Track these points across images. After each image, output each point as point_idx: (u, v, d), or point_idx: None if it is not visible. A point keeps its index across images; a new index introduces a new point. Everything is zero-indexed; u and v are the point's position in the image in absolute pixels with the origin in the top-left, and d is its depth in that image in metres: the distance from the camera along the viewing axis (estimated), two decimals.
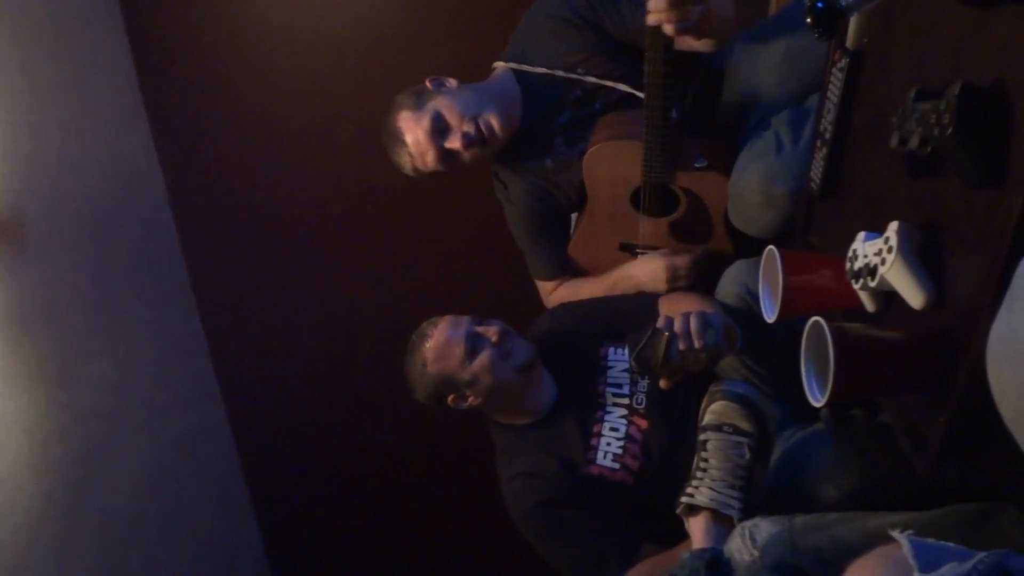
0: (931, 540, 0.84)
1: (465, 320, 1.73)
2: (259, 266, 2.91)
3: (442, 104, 1.78)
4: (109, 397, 2.57)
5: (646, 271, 1.89)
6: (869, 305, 1.16)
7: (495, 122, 1.79)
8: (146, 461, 2.73)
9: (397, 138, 1.82)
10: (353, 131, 2.63)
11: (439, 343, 1.70)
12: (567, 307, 1.90)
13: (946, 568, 0.77)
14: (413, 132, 1.79)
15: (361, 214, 2.79)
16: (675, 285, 1.85)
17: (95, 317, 2.53)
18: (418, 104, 1.79)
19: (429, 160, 1.81)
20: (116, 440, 2.60)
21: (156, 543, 2.77)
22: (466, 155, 1.80)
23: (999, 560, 0.77)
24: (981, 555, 0.77)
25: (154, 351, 2.79)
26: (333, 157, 2.72)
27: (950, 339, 1.01)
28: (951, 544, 0.82)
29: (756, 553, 1.24)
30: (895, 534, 0.84)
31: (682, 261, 1.85)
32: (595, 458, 1.66)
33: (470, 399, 1.71)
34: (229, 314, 2.98)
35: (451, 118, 1.78)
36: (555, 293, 2.05)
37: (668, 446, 1.65)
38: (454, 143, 1.78)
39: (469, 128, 1.78)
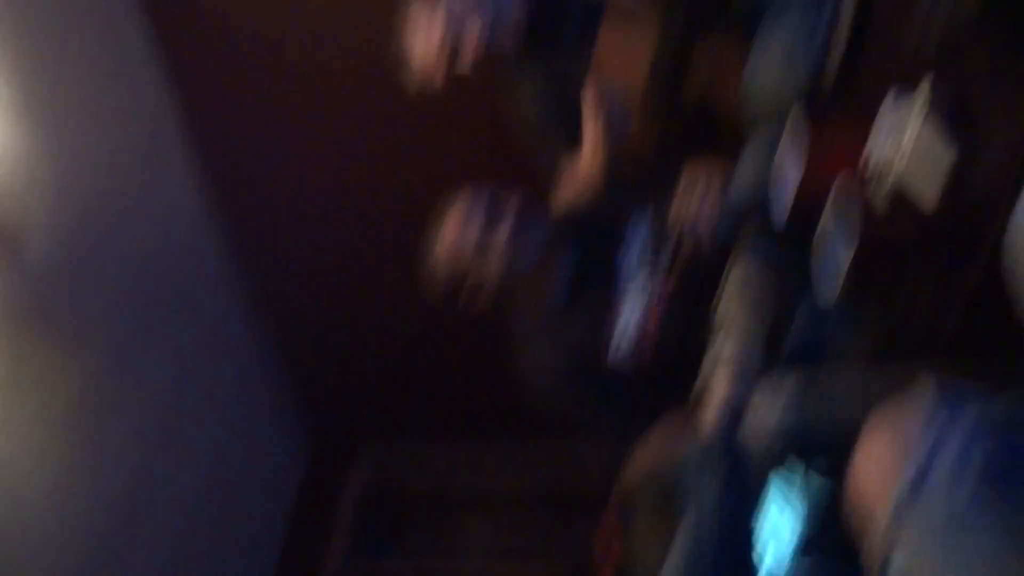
0: (953, 384, 0.84)
1: (484, 195, 1.71)
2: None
3: None
4: (126, 303, 2.59)
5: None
6: (885, 198, 1.13)
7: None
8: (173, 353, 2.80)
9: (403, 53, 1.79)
10: None
11: (452, 237, 1.69)
12: (585, 188, 1.87)
13: (969, 408, 0.78)
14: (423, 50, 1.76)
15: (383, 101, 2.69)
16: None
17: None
18: None
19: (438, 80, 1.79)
20: (142, 339, 2.64)
21: (192, 422, 2.88)
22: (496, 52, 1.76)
23: (1018, 399, 0.79)
24: (1002, 396, 0.80)
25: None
26: None
27: (968, 231, 0.99)
28: (973, 389, 0.83)
29: (779, 406, 1.28)
30: (919, 379, 0.85)
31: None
32: (615, 331, 1.67)
33: (486, 293, 1.73)
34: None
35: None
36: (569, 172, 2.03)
37: (688, 318, 1.65)
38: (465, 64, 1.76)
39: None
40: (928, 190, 1.02)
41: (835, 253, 1.03)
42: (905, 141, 1.04)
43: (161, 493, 2.69)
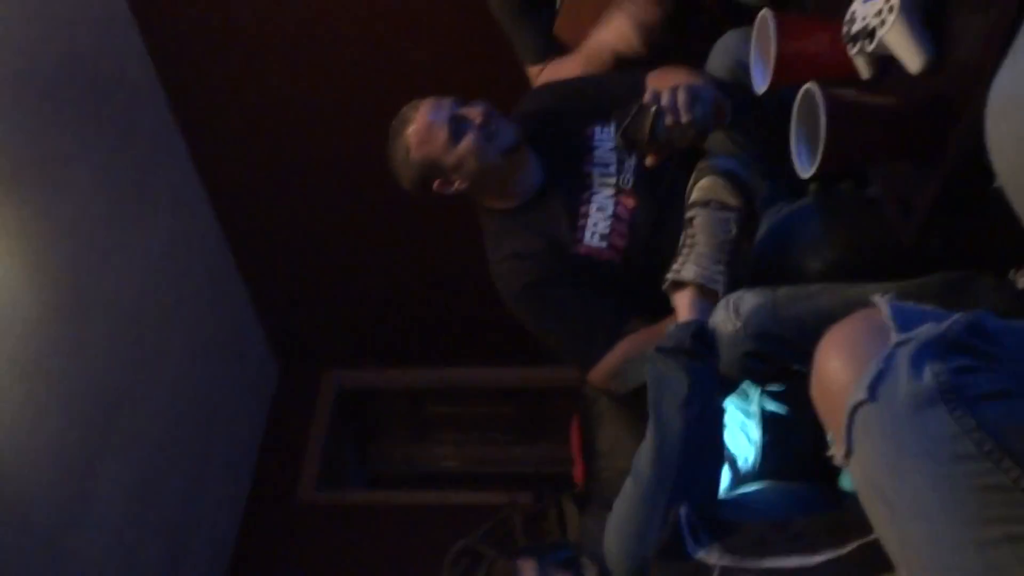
0: (910, 303, 0.85)
1: (447, 102, 1.67)
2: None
3: None
4: (95, 200, 2.55)
5: (612, 31, 1.79)
6: (864, 72, 1.12)
7: None
8: (142, 261, 2.76)
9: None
10: None
11: (422, 128, 1.65)
12: (551, 86, 1.84)
13: (923, 328, 0.78)
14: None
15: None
16: (648, 38, 1.76)
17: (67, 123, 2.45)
18: None
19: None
20: (110, 241, 2.62)
21: (163, 335, 2.86)
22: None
23: (973, 318, 0.78)
24: (958, 315, 0.79)
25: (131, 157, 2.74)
26: None
27: (947, 103, 0.98)
28: (930, 307, 0.84)
29: (739, 323, 1.27)
30: (875, 298, 0.85)
31: (647, 11, 1.75)
32: (583, 237, 1.67)
33: (456, 184, 1.69)
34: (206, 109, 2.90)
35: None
36: (540, 77, 1.97)
37: (656, 224, 1.65)
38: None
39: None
40: (913, 56, 1.00)
41: (815, 124, 1.00)
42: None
43: (133, 411, 2.69)
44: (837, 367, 0.85)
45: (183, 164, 2.98)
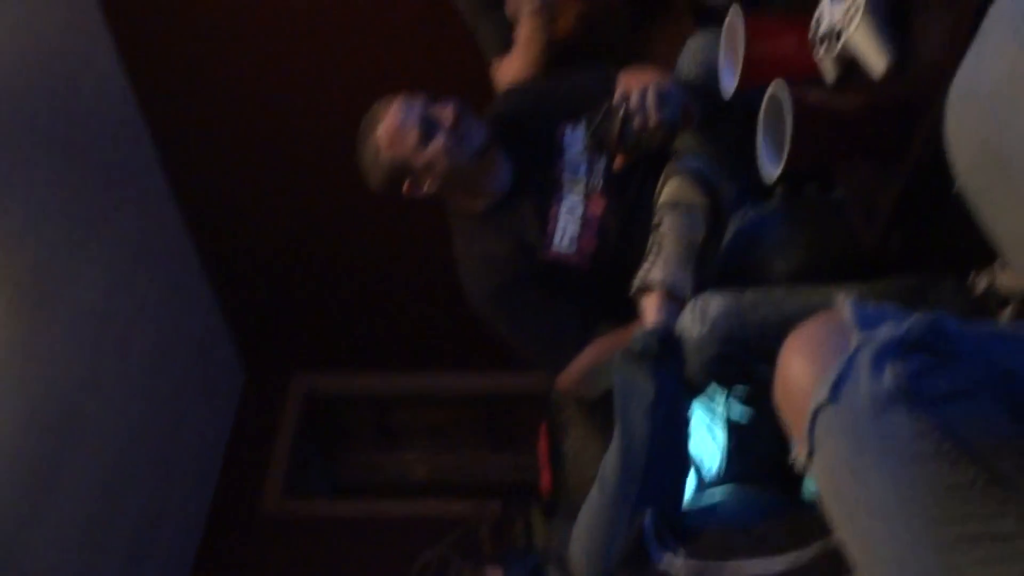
0: (872, 305, 0.85)
1: (418, 101, 1.65)
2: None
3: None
4: (57, 202, 2.50)
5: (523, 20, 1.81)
6: (830, 74, 1.12)
7: None
8: (105, 264, 2.71)
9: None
10: None
11: (392, 128, 1.63)
12: (521, 88, 1.83)
13: (883, 328, 0.78)
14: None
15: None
16: (550, 16, 1.77)
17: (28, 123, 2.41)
18: None
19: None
20: (73, 243, 2.57)
21: (126, 339, 2.81)
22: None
23: (933, 320, 0.78)
24: (918, 316, 0.79)
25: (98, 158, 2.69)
26: None
27: (910, 106, 0.98)
28: (891, 308, 0.84)
29: (706, 327, 1.27)
30: (837, 299, 0.85)
31: None
32: (552, 240, 1.66)
33: (426, 184, 1.67)
34: (176, 112, 2.86)
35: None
36: (502, 69, 1.95)
37: (625, 227, 1.64)
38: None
39: None
40: (877, 57, 1.01)
41: (781, 125, 1.00)
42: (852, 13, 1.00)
43: (93, 417, 2.64)
44: (800, 369, 0.85)
45: (150, 165, 2.94)
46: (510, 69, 1.89)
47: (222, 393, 3.43)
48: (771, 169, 1.08)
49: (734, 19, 1.22)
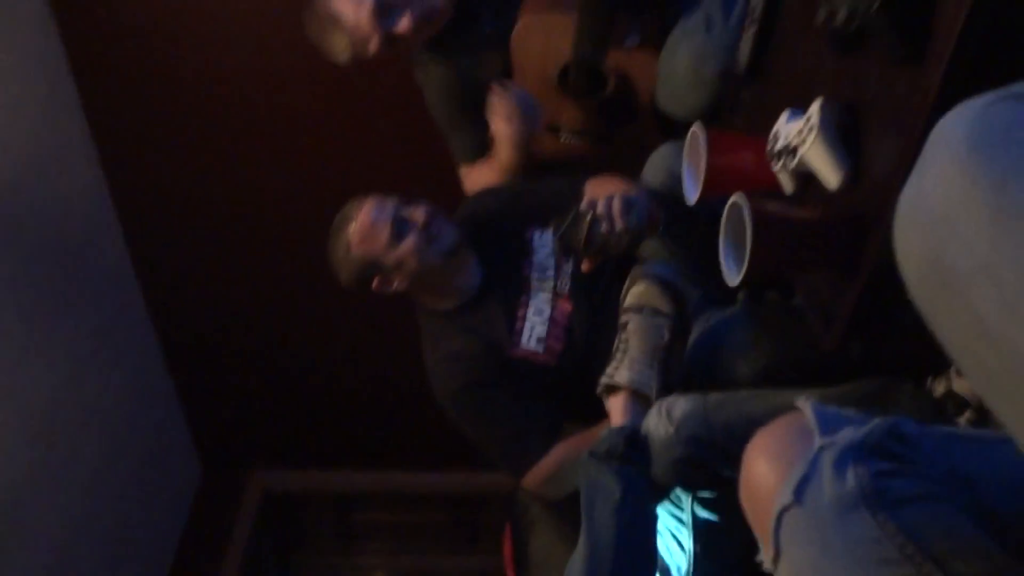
0: (832, 407, 0.87)
1: (391, 202, 1.69)
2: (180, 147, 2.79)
3: None
4: (13, 290, 2.47)
5: (500, 148, 1.85)
6: (787, 187, 1.17)
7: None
8: (62, 353, 2.67)
9: (332, 22, 1.72)
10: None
11: (364, 226, 1.67)
12: (492, 191, 1.88)
13: (845, 431, 0.80)
14: (354, 14, 1.69)
15: (285, 99, 2.68)
16: (523, 149, 1.82)
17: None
18: None
19: (372, 46, 1.72)
20: (30, 331, 2.53)
21: (80, 430, 2.74)
22: (414, 39, 1.71)
23: (893, 424, 0.80)
24: (877, 420, 0.81)
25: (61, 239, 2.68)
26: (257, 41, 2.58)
27: (863, 219, 1.03)
28: (851, 412, 0.86)
29: (672, 428, 1.28)
30: (799, 402, 0.87)
31: (512, 125, 1.79)
32: (519, 340, 1.68)
33: (395, 282, 1.70)
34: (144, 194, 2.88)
35: None
36: (465, 180, 2.01)
37: (591, 328, 1.67)
38: (404, 27, 1.69)
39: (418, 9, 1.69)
40: (831, 173, 1.06)
41: (742, 233, 1.05)
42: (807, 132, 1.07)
43: (45, 504, 2.53)
44: (764, 470, 0.86)
45: (117, 254, 2.93)
46: (482, 179, 1.95)
47: (176, 488, 3.33)
48: (733, 275, 1.12)
49: (696, 131, 1.29)
